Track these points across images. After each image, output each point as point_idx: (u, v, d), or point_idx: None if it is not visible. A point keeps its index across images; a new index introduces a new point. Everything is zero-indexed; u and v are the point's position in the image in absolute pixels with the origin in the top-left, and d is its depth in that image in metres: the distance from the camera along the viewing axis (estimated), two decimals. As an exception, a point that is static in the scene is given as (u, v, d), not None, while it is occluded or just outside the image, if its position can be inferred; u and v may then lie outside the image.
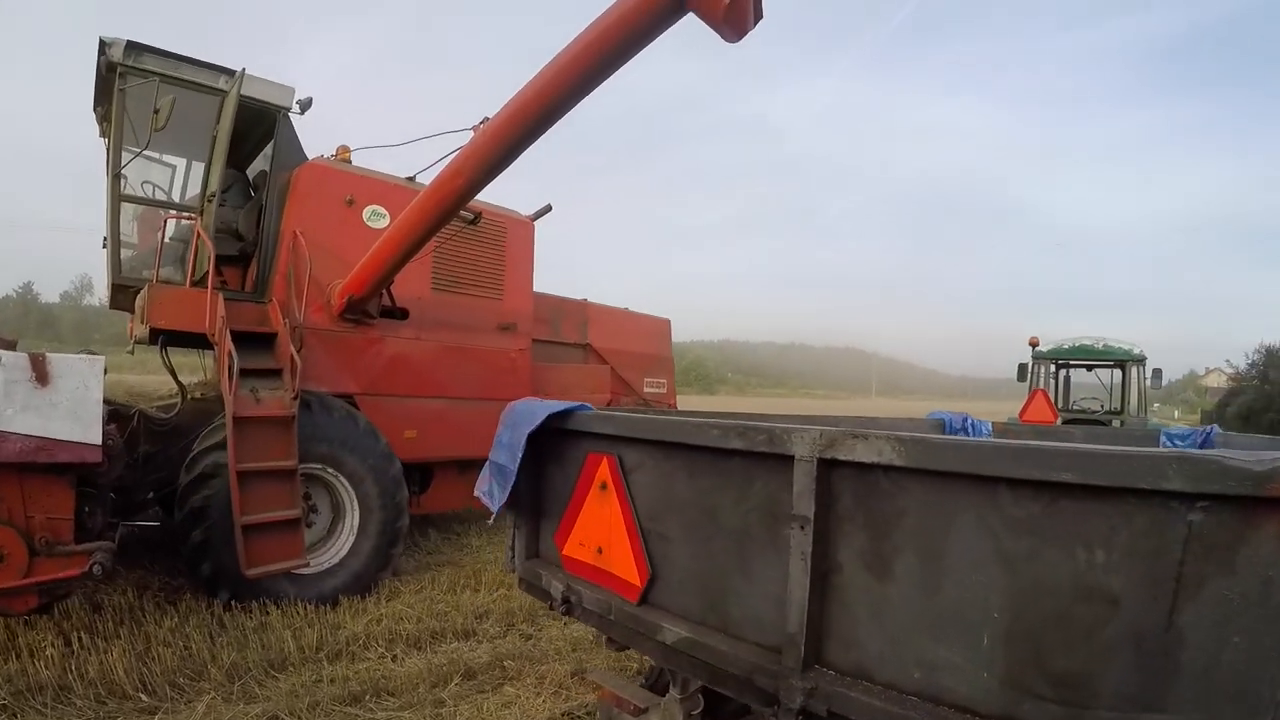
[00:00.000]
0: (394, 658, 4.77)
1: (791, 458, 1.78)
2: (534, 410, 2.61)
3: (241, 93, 6.43)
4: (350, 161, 7.34)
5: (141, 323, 6.06)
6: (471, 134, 5.54)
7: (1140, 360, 12.95)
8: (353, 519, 6.03)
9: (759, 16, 3.81)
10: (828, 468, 1.74)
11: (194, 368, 8.17)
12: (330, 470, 5.95)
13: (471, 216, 7.64)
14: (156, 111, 5.75)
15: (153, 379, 13.66)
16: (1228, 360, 51.68)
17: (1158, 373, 13.13)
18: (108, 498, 4.73)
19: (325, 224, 6.81)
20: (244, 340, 5.81)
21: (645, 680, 3.11)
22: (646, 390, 11.06)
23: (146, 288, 5.99)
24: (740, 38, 3.83)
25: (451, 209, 5.68)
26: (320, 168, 6.97)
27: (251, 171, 7.76)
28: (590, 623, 2.54)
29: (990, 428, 8.86)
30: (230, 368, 5.43)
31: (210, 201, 6.47)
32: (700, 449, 2.07)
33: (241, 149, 7.28)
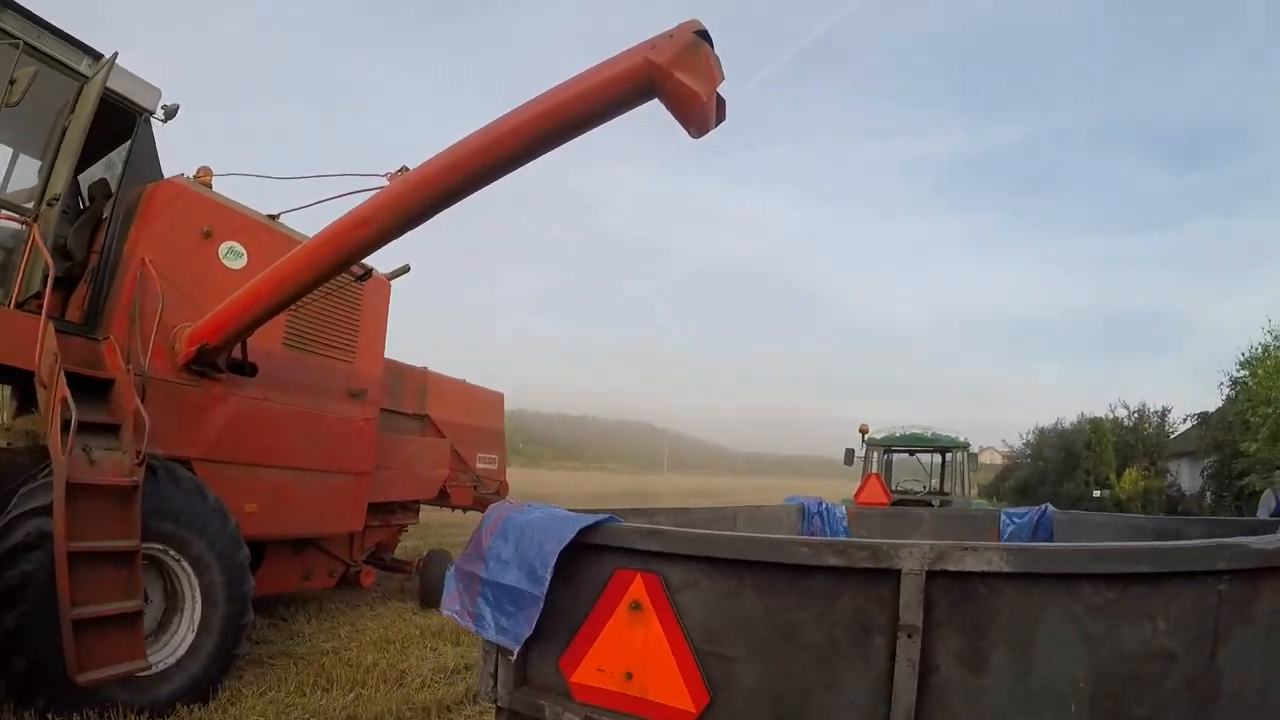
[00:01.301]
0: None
1: (897, 571, 1.91)
2: (553, 523, 2.37)
3: (106, 84, 5.61)
4: (211, 186, 6.58)
5: None
6: (385, 182, 5.21)
7: (965, 447, 14.32)
8: (193, 612, 5.16)
9: (721, 118, 3.91)
10: (931, 578, 1.89)
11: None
12: (173, 553, 5.09)
13: (362, 271, 7.06)
14: (13, 83, 4.86)
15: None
16: (1003, 440, 57.32)
17: (974, 457, 14.50)
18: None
19: (177, 255, 5.99)
20: (71, 384, 4.80)
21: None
22: (479, 466, 10.74)
23: None
24: (702, 135, 3.94)
25: (348, 260, 5.30)
26: (179, 188, 6.18)
27: (87, 178, 6.70)
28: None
29: (844, 510, 9.27)
30: (64, 420, 4.48)
31: (50, 205, 5.51)
32: (773, 565, 2.08)
33: (84, 150, 6.37)
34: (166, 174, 6.25)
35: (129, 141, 6.10)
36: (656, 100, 3.84)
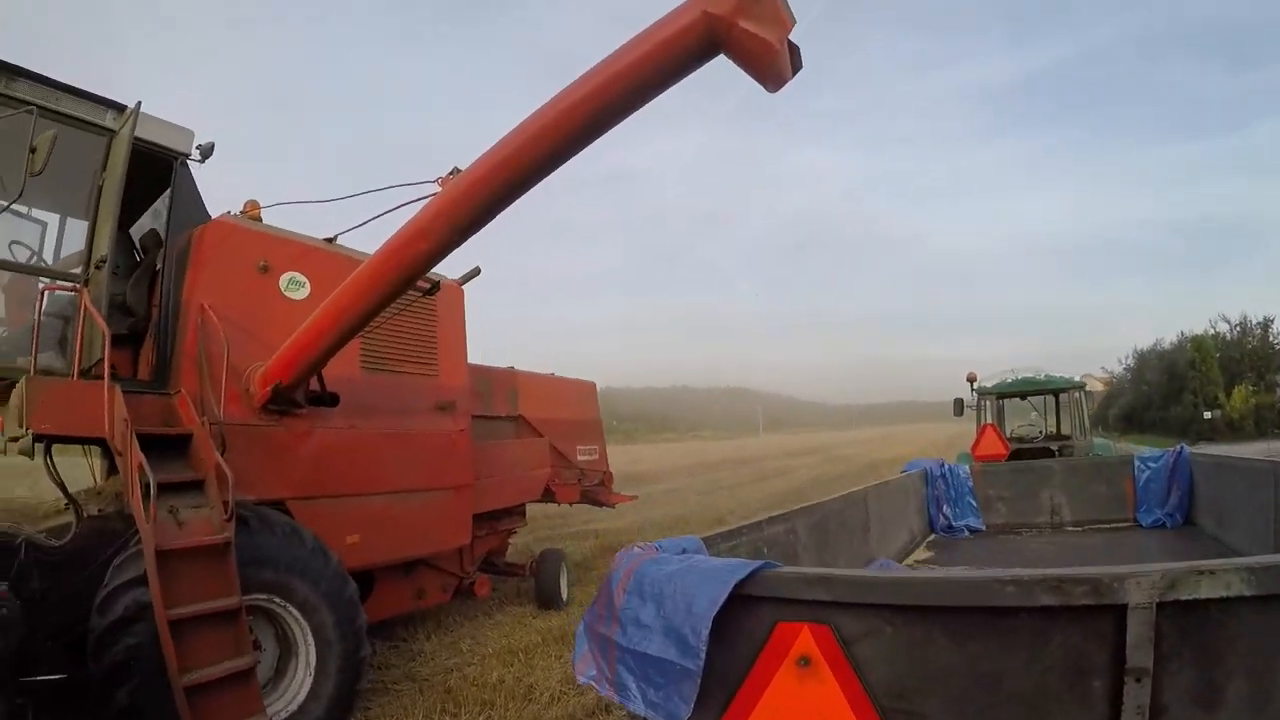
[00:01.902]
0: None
1: (1123, 606, 1.66)
2: (699, 579, 1.98)
3: (135, 134, 5.41)
4: (260, 219, 6.37)
5: (19, 425, 4.82)
6: (438, 188, 4.88)
7: (1081, 386, 13.63)
8: (308, 656, 5.00)
9: (798, 66, 3.44)
10: (1161, 609, 1.66)
11: (79, 468, 6.91)
12: (278, 600, 4.93)
13: (429, 285, 6.80)
14: (34, 150, 4.61)
15: (26, 486, 11.77)
16: (1102, 366, 55.18)
17: (1090, 396, 13.75)
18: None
19: (236, 295, 5.81)
20: (148, 444, 4.69)
21: None
22: (580, 459, 10.53)
23: (23, 381, 4.78)
24: (779, 88, 3.45)
25: (412, 277, 4.98)
26: (227, 226, 5.98)
27: (137, 231, 6.60)
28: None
29: (967, 470, 8.77)
30: (144, 485, 4.34)
31: (99, 268, 5.34)
32: (974, 609, 1.79)
33: (126, 204, 5.98)
34: (213, 214, 6.07)
35: (169, 188, 5.93)
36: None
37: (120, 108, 5.55)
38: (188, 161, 5.98)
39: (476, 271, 8.20)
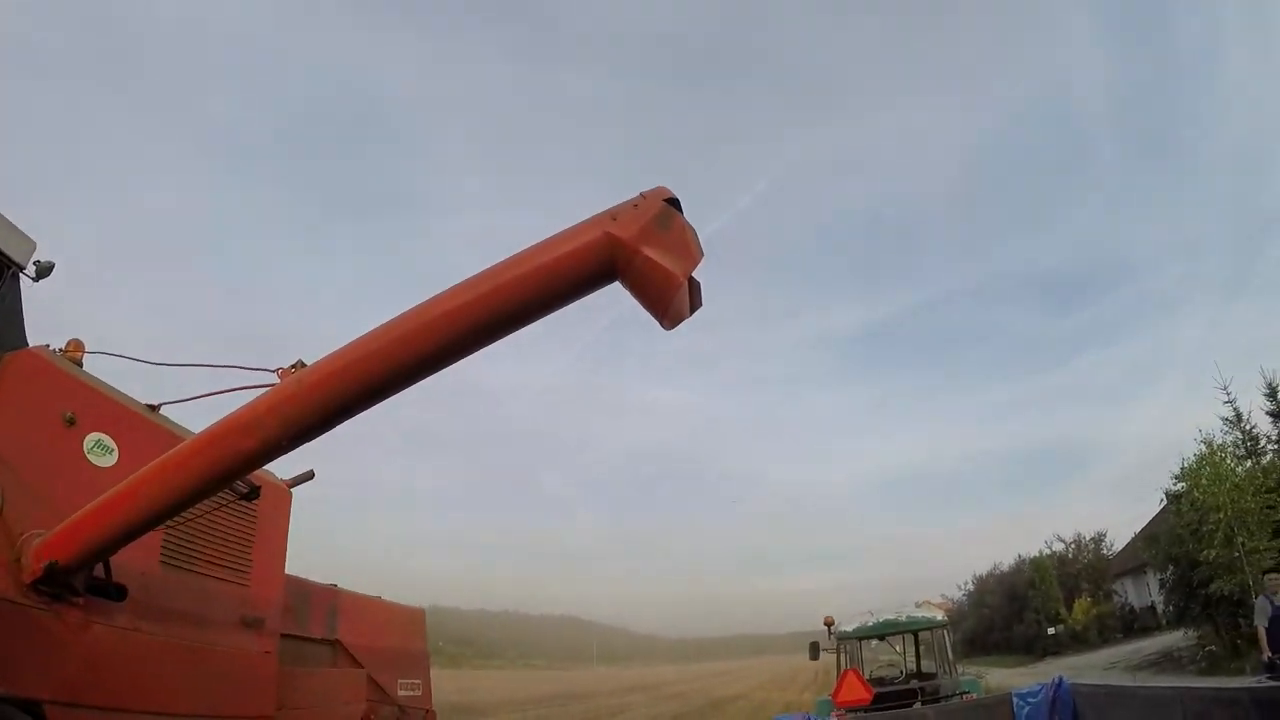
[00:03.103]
0: None
1: None
2: None
3: None
4: (81, 364, 5.48)
5: None
6: (277, 379, 4.27)
7: (944, 625, 13.56)
8: None
9: (697, 305, 3.24)
10: None
11: None
12: None
13: (247, 488, 5.93)
14: None
15: None
16: (942, 594, 56.51)
17: (949, 630, 13.79)
18: None
19: (32, 443, 4.81)
20: None
21: None
22: (401, 694, 9.30)
23: None
24: (675, 325, 3.28)
25: (229, 475, 4.31)
26: (41, 361, 5.04)
27: None
28: None
29: None
30: None
31: None
32: None
33: None
34: (31, 343, 5.17)
35: None
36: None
37: None
38: (18, 275, 5.18)
39: (310, 475, 7.41)
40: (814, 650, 14.34)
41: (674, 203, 3.13)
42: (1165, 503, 29.94)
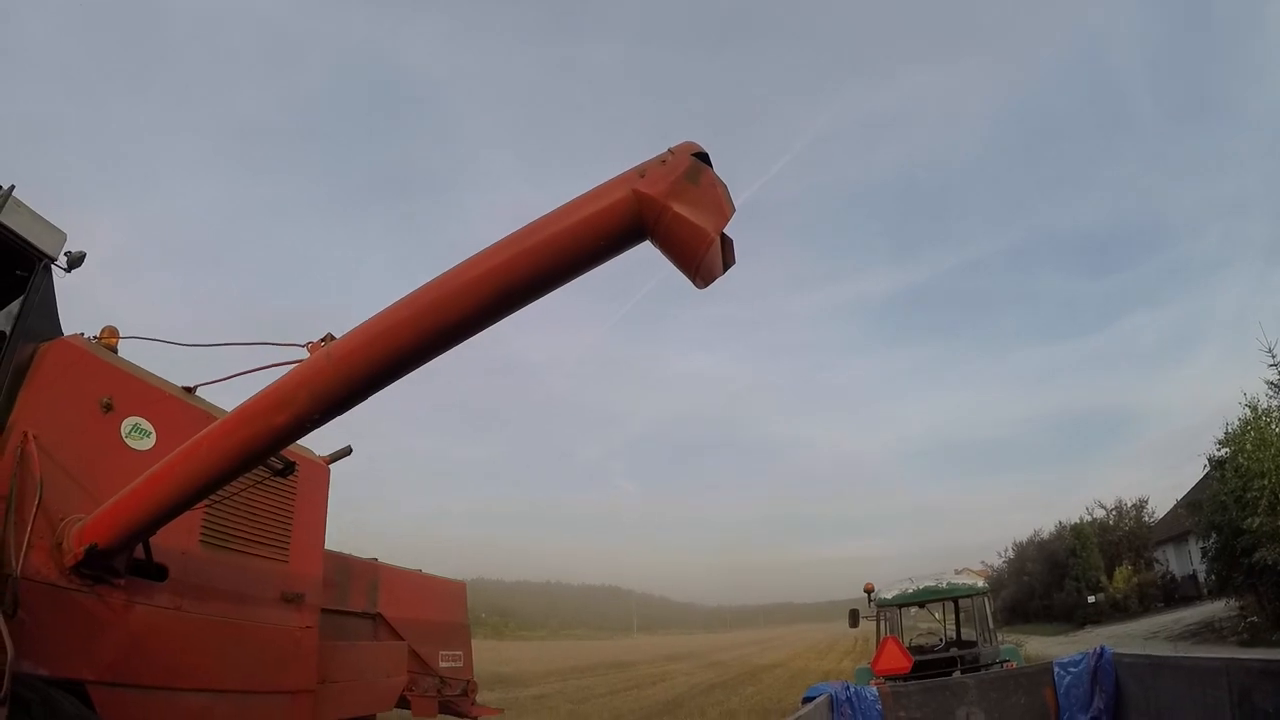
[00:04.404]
0: None
1: None
2: None
3: (1, 219, 4.68)
4: (116, 351, 5.54)
5: None
6: (307, 354, 4.27)
7: (984, 592, 13.37)
8: None
9: (730, 262, 3.15)
10: None
11: None
12: None
13: (282, 465, 6.00)
14: None
15: None
16: (982, 561, 56.19)
17: (990, 597, 13.64)
18: None
19: (69, 430, 4.87)
20: None
21: None
22: (443, 665, 9.41)
23: None
24: (708, 284, 3.19)
25: (264, 452, 4.30)
26: (77, 350, 5.10)
27: None
28: None
29: (875, 692, 8.19)
30: None
31: None
32: None
33: None
34: (66, 332, 5.22)
35: (24, 294, 5.07)
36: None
37: None
38: (50, 266, 5.19)
39: (348, 450, 7.50)
40: (853, 618, 14.27)
41: (703, 157, 3.03)
42: (1208, 469, 28.81)
